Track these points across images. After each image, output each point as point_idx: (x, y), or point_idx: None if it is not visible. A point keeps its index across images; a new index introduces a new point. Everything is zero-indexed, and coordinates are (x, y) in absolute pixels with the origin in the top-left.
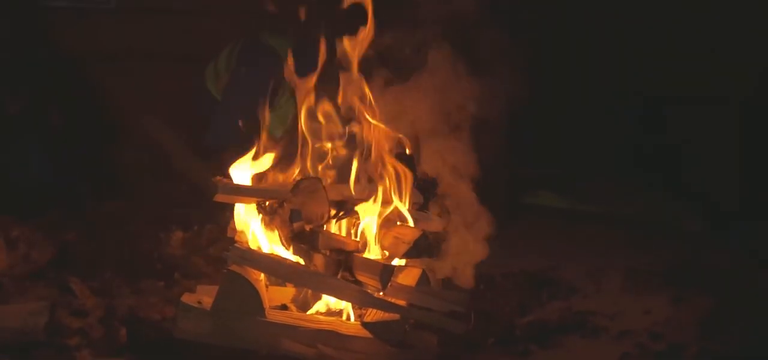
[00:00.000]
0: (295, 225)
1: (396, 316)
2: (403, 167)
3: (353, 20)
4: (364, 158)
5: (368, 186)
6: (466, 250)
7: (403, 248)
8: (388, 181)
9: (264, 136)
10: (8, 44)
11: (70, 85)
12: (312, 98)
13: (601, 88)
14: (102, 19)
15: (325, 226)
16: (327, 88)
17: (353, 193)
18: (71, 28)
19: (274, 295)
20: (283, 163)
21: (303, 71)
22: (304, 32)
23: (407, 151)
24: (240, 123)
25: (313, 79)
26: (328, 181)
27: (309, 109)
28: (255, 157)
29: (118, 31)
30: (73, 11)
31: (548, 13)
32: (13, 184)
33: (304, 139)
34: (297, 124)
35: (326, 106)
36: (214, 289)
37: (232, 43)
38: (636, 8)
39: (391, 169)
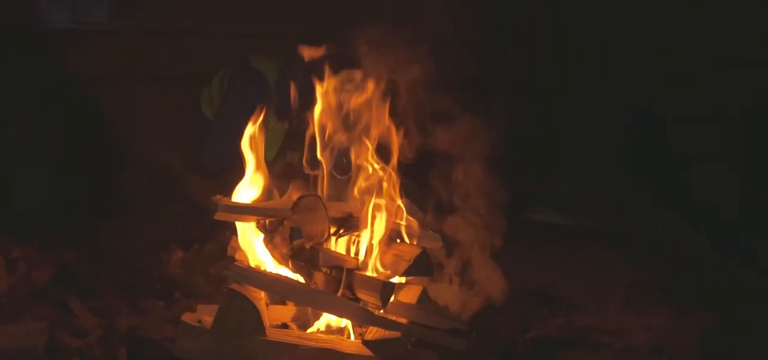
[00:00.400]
0: (295, 243)
1: (397, 334)
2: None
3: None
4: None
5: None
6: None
7: (403, 266)
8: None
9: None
10: (9, 66)
11: (71, 107)
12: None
13: (601, 103)
14: (103, 40)
15: (325, 243)
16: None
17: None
18: (73, 50)
19: (275, 314)
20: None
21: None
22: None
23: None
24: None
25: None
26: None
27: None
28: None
29: (119, 53)
30: (74, 33)
31: (546, 26)
32: (14, 205)
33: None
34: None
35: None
36: (214, 308)
37: (224, 69)
38: (635, 17)
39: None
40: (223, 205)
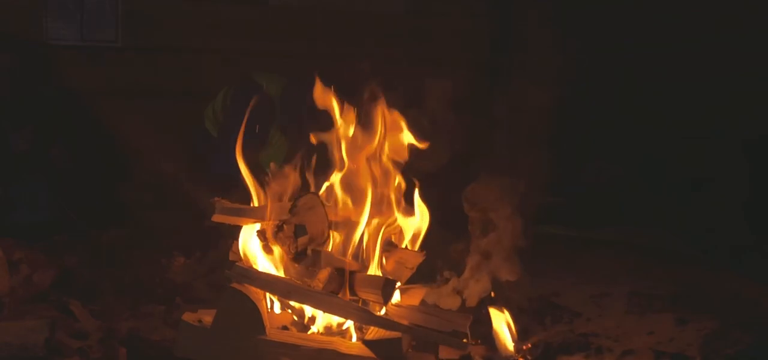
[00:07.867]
0: (300, 240)
1: (397, 335)
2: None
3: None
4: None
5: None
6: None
7: (407, 273)
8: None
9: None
10: (15, 82)
11: (77, 122)
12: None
13: (608, 120)
14: (109, 57)
15: (326, 244)
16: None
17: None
18: (79, 67)
19: (274, 318)
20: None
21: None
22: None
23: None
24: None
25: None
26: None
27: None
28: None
29: (124, 69)
30: (80, 49)
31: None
32: (18, 217)
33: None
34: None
35: None
36: (215, 311)
37: (227, 86)
38: (647, 37)
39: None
40: (221, 206)
